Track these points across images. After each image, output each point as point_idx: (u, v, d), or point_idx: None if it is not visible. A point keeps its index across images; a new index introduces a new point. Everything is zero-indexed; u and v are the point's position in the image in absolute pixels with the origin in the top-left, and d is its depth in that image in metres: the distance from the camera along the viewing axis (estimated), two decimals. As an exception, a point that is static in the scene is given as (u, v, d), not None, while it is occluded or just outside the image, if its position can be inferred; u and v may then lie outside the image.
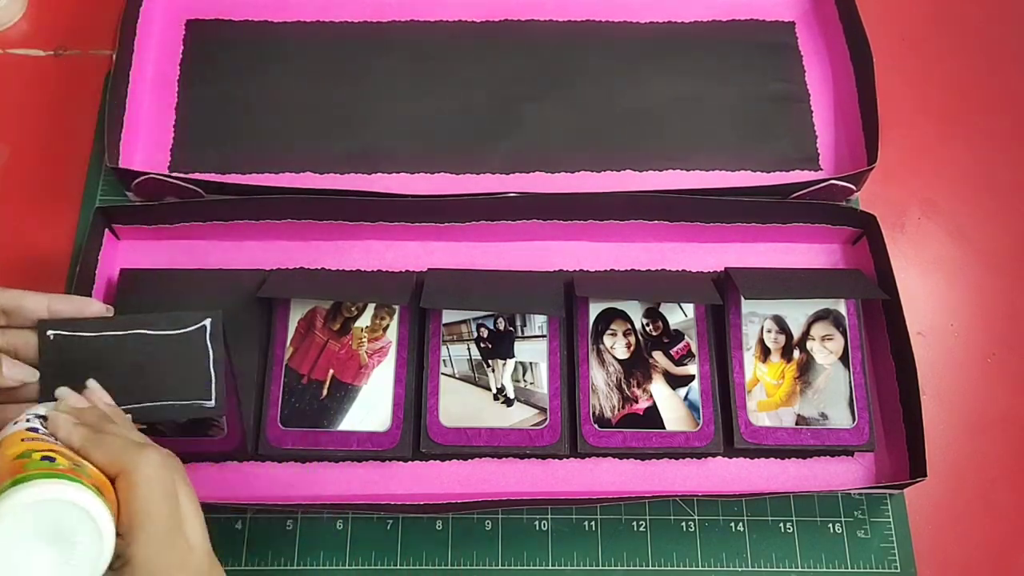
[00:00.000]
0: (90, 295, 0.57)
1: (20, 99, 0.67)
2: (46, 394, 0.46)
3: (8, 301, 0.47)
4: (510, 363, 0.57)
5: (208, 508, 0.40)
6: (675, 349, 0.58)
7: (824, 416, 0.57)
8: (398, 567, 0.54)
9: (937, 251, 0.64)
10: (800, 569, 0.54)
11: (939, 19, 0.72)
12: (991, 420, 0.59)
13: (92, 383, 0.45)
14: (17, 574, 0.33)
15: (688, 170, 0.65)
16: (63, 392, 0.43)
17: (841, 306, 0.59)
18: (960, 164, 0.67)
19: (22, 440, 0.38)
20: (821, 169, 0.65)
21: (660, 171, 0.64)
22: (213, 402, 0.48)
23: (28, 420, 0.40)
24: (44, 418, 0.41)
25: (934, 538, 0.56)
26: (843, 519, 0.56)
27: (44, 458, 0.36)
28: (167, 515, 0.37)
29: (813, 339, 0.58)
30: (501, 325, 0.58)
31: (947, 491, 0.57)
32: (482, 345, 0.58)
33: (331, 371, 0.57)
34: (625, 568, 0.54)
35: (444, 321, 0.58)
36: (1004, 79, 0.70)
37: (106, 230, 0.59)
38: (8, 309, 0.47)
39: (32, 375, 0.46)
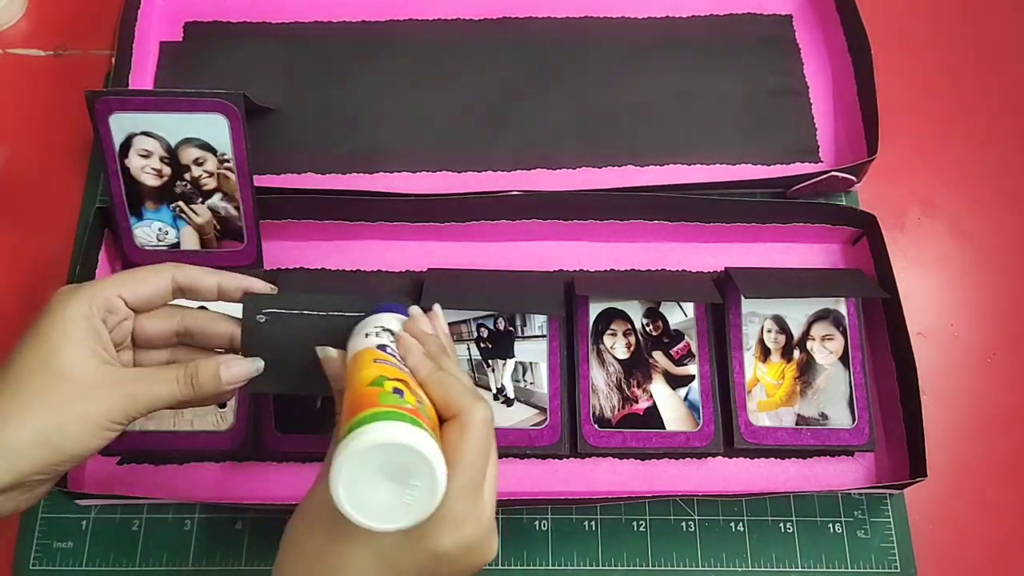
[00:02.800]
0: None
1: (20, 99, 0.67)
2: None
3: (186, 279, 0.45)
4: (510, 363, 0.57)
5: (208, 508, 0.40)
6: (675, 349, 0.58)
7: (824, 416, 0.57)
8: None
9: (937, 251, 0.64)
10: (800, 569, 0.54)
11: (938, 17, 0.72)
12: (991, 420, 0.59)
13: (438, 308, 0.45)
14: (365, 507, 0.33)
15: (689, 164, 0.65)
16: (416, 312, 0.43)
17: (841, 306, 0.59)
18: (960, 164, 0.67)
19: (374, 361, 0.38)
20: (822, 161, 0.65)
21: (661, 166, 0.64)
22: None
23: (377, 334, 0.39)
24: (390, 332, 0.40)
25: (934, 538, 0.56)
26: (843, 519, 0.56)
27: (395, 390, 0.36)
28: (480, 468, 0.37)
29: (813, 339, 0.58)
30: (501, 325, 0.58)
31: (947, 491, 0.57)
32: (482, 345, 0.58)
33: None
34: (625, 568, 0.54)
35: (444, 321, 0.58)
36: (1005, 78, 0.70)
37: (106, 230, 0.59)
38: (185, 286, 0.45)
39: (254, 366, 0.45)
